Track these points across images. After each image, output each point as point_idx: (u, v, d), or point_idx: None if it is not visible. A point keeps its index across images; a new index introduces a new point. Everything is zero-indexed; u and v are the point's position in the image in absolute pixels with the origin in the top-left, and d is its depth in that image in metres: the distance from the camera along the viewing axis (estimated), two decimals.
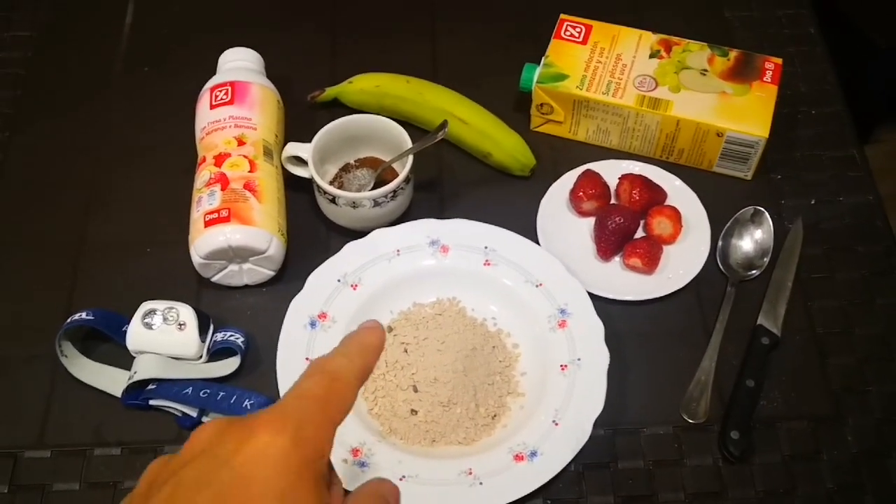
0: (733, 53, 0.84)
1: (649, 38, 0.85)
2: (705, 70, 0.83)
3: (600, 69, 0.83)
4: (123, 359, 0.72)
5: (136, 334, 0.71)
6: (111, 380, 0.72)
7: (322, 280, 0.75)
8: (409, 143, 0.78)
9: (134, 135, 0.88)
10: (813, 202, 0.83)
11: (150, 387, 0.71)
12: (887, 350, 0.74)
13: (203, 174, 0.76)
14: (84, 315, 0.72)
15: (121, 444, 0.70)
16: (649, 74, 0.83)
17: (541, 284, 0.74)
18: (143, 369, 0.70)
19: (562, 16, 0.87)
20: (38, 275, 0.79)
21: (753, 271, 0.77)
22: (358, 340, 0.39)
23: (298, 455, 0.34)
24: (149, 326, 0.71)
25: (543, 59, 0.84)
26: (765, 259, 0.78)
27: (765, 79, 0.82)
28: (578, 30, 0.86)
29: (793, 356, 0.74)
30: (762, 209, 0.79)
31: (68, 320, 0.72)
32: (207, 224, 0.73)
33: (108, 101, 0.90)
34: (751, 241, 0.79)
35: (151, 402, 0.71)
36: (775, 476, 0.69)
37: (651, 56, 0.84)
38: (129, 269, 0.79)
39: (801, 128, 0.88)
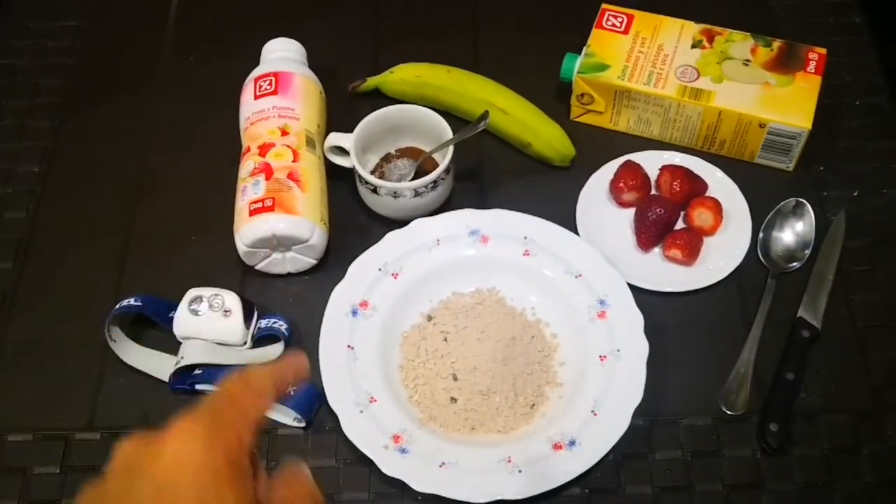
0: (777, 44, 0.83)
1: (691, 28, 0.85)
2: (748, 60, 0.82)
3: (642, 59, 0.83)
4: (170, 344, 0.74)
5: (182, 320, 0.73)
6: (159, 364, 0.74)
7: (363, 269, 0.76)
8: (449, 134, 0.78)
9: (180, 123, 0.90)
10: (856, 194, 0.82)
11: (197, 372, 0.72)
12: None
13: (247, 164, 0.78)
14: (132, 301, 0.74)
15: None
16: (691, 65, 0.82)
17: (580, 275, 0.75)
18: (190, 355, 0.72)
19: (603, 5, 0.87)
20: (88, 260, 0.81)
21: (794, 263, 0.77)
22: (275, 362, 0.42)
23: (212, 455, 0.36)
24: (195, 313, 0.73)
25: (585, 48, 0.84)
26: (806, 251, 0.78)
27: (808, 69, 0.81)
28: (620, 19, 0.86)
29: (833, 349, 0.73)
30: (804, 201, 0.79)
31: (117, 306, 0.74)
32: (252, 213, 0.74)
33: (154, 90, 0.92)
34: (792, 233, 0.79)
35: (198, 387, 0.72)
36: (814, 469, 0.69)
37: (693, 46, 0.84)
38: (175, 256, 0.81)
39: (844, 118, 0.87)
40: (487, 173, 0.85)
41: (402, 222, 0.78)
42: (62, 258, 0.81)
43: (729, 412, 0.71)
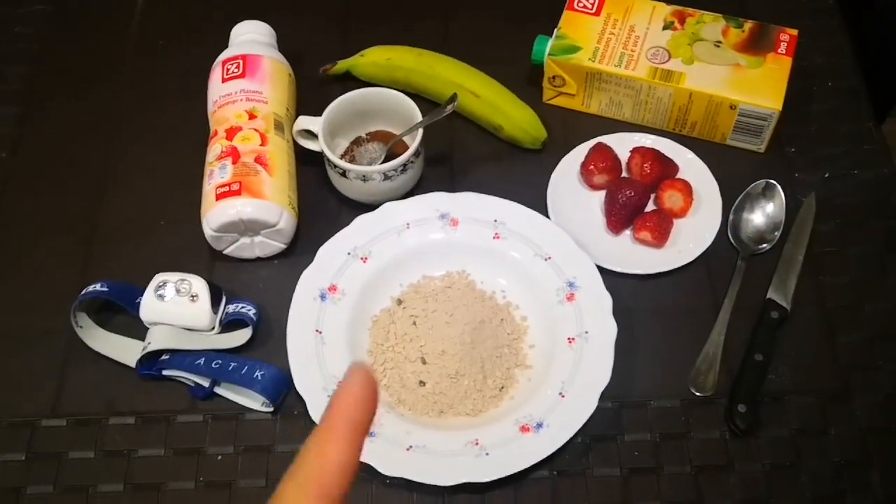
0: (748, 25, 0.83)
1: (663, 10, 0.85)
2: (719, 42, 0.82)
3: (613, 41, 0.83)
4: (137, 330, 0.73)
5: (149, 306, 0.72)
6: (125, 350, 0.73)
7: (332, 253, 0.75)
8: (419, 117, 0.78)
9: (148, 110, 0.89)
10: (827, 176, 0.82)
11: (164, 357, 0.72)
12: None
13: (215, 148, 0.77)
14: (99, 287, 0.73)
15: (135, 414, 0.71)
16: (662, 46, 0.82)
17: (549, 258, 0.74)
18: (157, 340, 0.71)
19: None
20: (54, 249, 0.80)
21: (764, 245, 0.77)
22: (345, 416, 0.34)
23: None
24: (162, 298, 0.72)
25: (556, 30, 0.84)
26: (776, 233, 0.77)
27: (779, 51, 0.81)
28: (592, 1, 0.85)
29: (802, 331, 0.74)
30: (774, 183, 0.79)
31: (83, 292, 0.73)
32: (219, 197, 0.73)
33: (122, 76, 0.91)
34: (762, 214, 0.78)
35: (165, 373, 0.72)
36: (782, 450, 0.69)
37: (665, 28, 0.83)
38: (143, 243, 0.80)
39: (816, 101, 0.87)
40: (458, 157, 0.84)
41: (371, 206, 0.78)
42: (29, 246, 0.81)
43: (698, 394, 0.71)
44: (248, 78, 0.80)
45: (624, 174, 0.81)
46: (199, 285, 0.73)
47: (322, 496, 0.32)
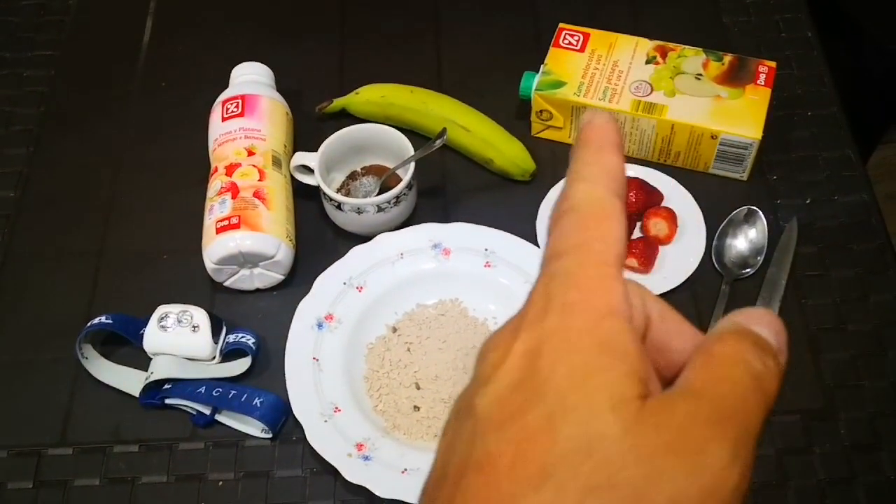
0: (728, 58, 0.86)
1: (646, 45, 0.88)
2: (700, 75, 0.85)
3: (597, 76, 0.86)
4: (141, 360, 0.76)
5: (152, 337, 0.75)
6: (129, 380, 0.75)
7: (329, 283, 0.78)
8: (411, 151, 0.81)
9: (151, 147, 0.92)
10: (808, 202, 0.84)
11: (166, 386, 0.74)
12: (880, 346, 0.76)
13: (215, 183, 0.80)
14: (103, 319, 0.76)
15: (138, 442, 0.74)
16: (645, 80, 0.85)
17: None
18: (159, 370, 0.74)
19: (560, 25, 0.90)
20: (61, 281, 0.83)
21: (748, 270, 0.79)
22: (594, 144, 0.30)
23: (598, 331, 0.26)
24: (164, 329, 0.75)
25: (542, 66, 0.87)
26: (759, 258, 0.80)
27: (759, 82, 0.84)
28: (577, 38, 0.89)
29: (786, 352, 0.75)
30: (756, 209, 0.81)
31: (88, 324, 0.76)
32: (219, 231, 0.76)
33: (126, 116, 0.94)
34: (745, 240, 0.81)
35: (167, 401, 0.74)
36: (767, 469, 0.70)
37: (647, 62, 0.86)
38: (146, 276, 0.83)
39: (797, 129, 0.89)
40: (450, 189, 0.87)
41: (366, 237, 0.81)
42: (36, 279, 0.83)
43: None
44: (247, 116, 0.83)
45: None
46: (200, 316, 0.75)
47: (617, 192, 0.29)
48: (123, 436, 0.74)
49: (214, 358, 0.76)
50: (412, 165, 0.80)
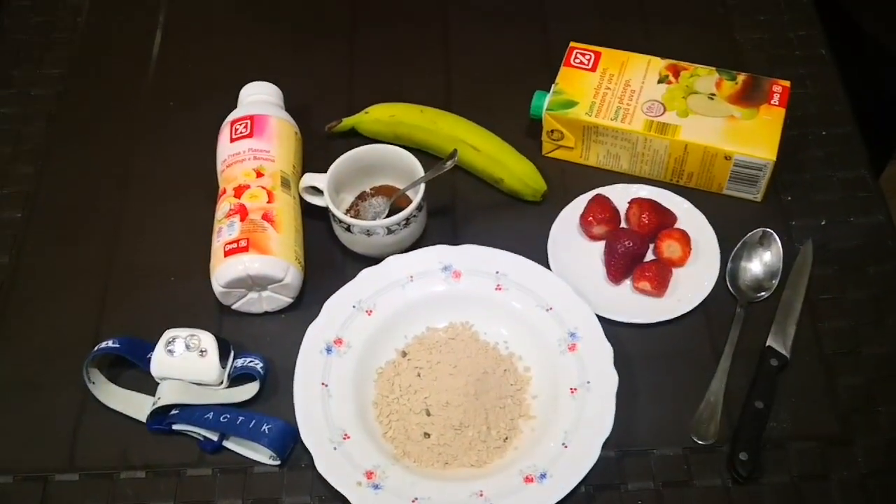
0: (741, 77, 0.85)
1: (658, 64, 0.87)
2: (713, 94, 0.84)
3: (609, 95, 0.85)
4: (148, 385, 0.75)
5: (159, 361, 0.74)
6: (136, 405, 0.75)
7: (338, 306, 0.77)
8: (421, 172, 0.80)
9: (159, 167, 0.91)
10: (823, 223, 0.83)
11: (174, 412, 0.73)
12: None
13: (223, 205, 0.79)
14: (111, 343, 0.75)
15: (146, 468, 0.73)
16: (657, 100, 0.84)
17: (551, 308, 0.76)
18: (167, 395, 0.73)
19: (572, 44, 0.89)
20: (68, 303, 0.82)
21: (763, 293, 0.78)
22: None
23: None
24: (171, 353, 0.74)
25: (553, 86, 0.86)
26: (774, 281, 0.79)
27: (772, 102, 0.83)
28: (588, 57, 0.88)
29: (802, 377, 0.74)
30: (770, 231, 0.80)
31: (95, 348, 0.75)
32: (227, 254, 0.76)
33: (134, 135, 0.94)
34: (759, 263, 0.80)
35: (175, 427, 0.73)
36: (784, 497, 0.69)
37: (659, 81, 0.85)
38: (154, 298, 0.82)
39: (811, 149, 0.88)
40: (460, 209, 0.86)
41: (376, 259, 0.80)
42: (43, 301, 0.83)
43: (700, 442, 0.71)
44: (255, 137, 0.82)
45: (623, 225, 0.83)
46: (208, 341, 0.74)
47: None
48: (131, 461, 0.73)
49: (222, 383, 0.75)
50: (422, 186, 0.79)
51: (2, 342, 0.80)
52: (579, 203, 0.83)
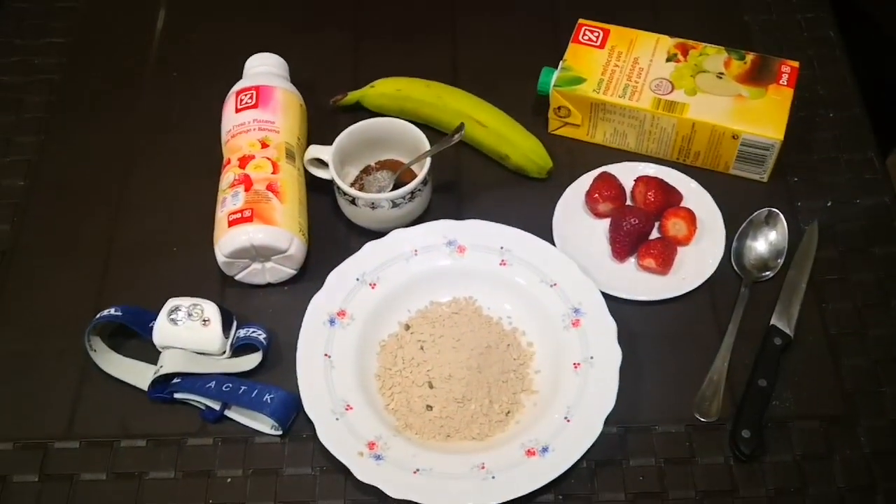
0: (750, 57, 0.85)
1: (666, 42, 0.86)
2: (721, 73, 0.84)
3: (617, 73, 0.84)
4: (150, 354, 0.75)
5: (161, 330, 0.74)
6: (138, 374, 0.74)
7: (342, 279, 0.76)
8: (427, 146, 0.80)
9: (163, 138, 0.91)
10: (829, 204, 0.83)
11: (176, 381, 0.73)
12: None
13: (227, 176, 0.79)
14: (113, 311, 0.75)
15: (146, 436, 0.72)
16: (666, 78, 0.84)
17: (555, 284, 0.75)
18: (169, 364, 0.73)
19: (580, 20, 0.89)
20: (70, 272, 0.82)
21: (767, 272, 0.78)
22: None
23: None
24: (174, 322, 0.73)
25: (561, 62, 0.85)
26: (779, 260, 0.78)
27: (781, 82, 0.83)
28: (596, 34, 0.87)
29: (805, 357, 0.74)
30: (776, 211, 0.80)
31: (97, 316, 0.75)
32: (231, 224, 0.75)
33: (138, 105, 0.93)
34: (765, 242, 0.79)
35: (176, 396, 0.73)
36: (786, 475, 0.69)
37: (668, 60, 0.85)
38: (156, 268, 0.82)
39: (818, 130, 0.88)
40: (465, 185, 0.86)
41: (380, 233, 0.79)
42: (45, 270, 0.82)
43: (702, 419, 0.71)
44: (260, 108, 0.82)
45: (628, 202, 0.82)
46: (210, 310, 0.74)
47: None
48: (131, 430, 0.73)
49: (225, 353, 0.74)
50: (428, 161, 0.79)
51: (3, 310, 0.80)
52: (585, 180, 0.83)
